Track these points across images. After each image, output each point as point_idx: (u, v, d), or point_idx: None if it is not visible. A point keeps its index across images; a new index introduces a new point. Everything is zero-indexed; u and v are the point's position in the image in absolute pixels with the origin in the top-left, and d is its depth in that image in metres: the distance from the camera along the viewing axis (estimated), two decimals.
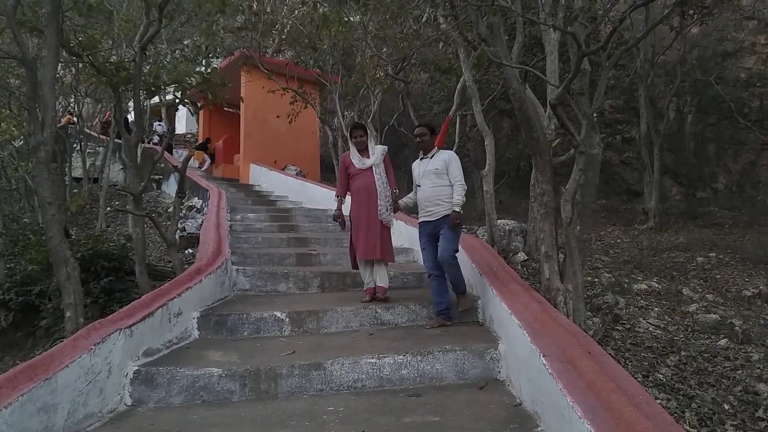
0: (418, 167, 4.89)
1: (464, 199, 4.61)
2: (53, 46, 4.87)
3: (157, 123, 19.68)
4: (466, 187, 4.62)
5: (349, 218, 5.12)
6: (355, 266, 5.21)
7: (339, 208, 5.26)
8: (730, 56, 12.19)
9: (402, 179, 4.93)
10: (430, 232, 4.71)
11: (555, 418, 2.78)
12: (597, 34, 9.44)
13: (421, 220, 4.84)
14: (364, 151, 5.12)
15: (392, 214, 5.09)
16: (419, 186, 4.82)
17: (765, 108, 11.56)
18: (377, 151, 5.13)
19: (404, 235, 6.98)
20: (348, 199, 5.25)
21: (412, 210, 5.30)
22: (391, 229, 5.19)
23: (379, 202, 4.96)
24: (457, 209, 4.54)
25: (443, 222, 4.58)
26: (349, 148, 5.25)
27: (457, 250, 4.64)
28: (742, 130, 11.59)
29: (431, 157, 4.80)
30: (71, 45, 6.02)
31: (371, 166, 5.04)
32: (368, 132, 5.25)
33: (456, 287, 4.63)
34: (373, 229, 4.94)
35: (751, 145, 11.74)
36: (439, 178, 4.68)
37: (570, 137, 4.70)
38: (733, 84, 11.94)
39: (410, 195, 5.05)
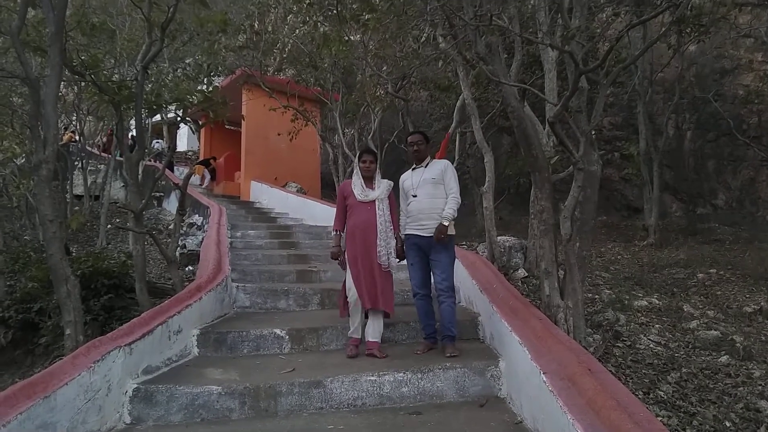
0: (411, 177, 4.54)
1: (456, 214, 4.29)
2: (56, 66, 4.92)
3: (156, 141, 19.77)
4: (459, 202, 4.35)
5: (345, 254, 4.51)
6: (344, 314, 4.53)
7: (338, 244, 4.55)
8: (728, 73, 12.28)
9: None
10: (421, 247, 4.36)
11: None
12: (595, 52, 9.53)
13: (410, 232, 4.43)
14: (368, 180, 4.54)
15: (394, 258, 4.46)
16: (415, 196, 4.40)
17: (763, 124, 11.62)
18: (383, 185, 4.53)
19: None
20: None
21: None
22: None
23: (378, 243, 4.34)
24: (446, 223, 4.20)
25: (438, 243, 4.27)
26: (347, 175, 4.79)
27: (452, 284, 4.33)
28: (741, 147, 11.63)
29: (426, 167, 4.49)
30: (74, 64, 6.08)
31: (374, 200, 4.45)
32: (378, 160, 4.65)
33: (445, 329, 4.25)
34: (372, 273, 4.32)
35: (750, 161, 11.78)
36: (436, 188, 4.35)
37: (568, 154, 4.73)
38: (731, 101, 12.01)
39: (400, 222, 4.62)
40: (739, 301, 7.05)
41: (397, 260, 4.51)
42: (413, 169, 4.60)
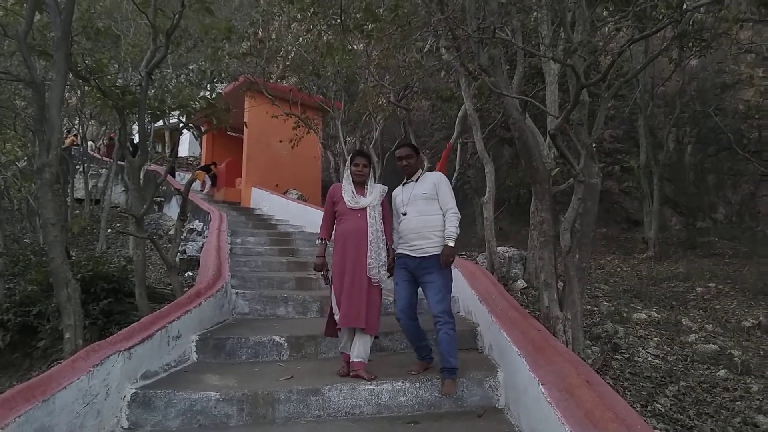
0: (402, 193, 4.14)
1: (458, 231, 3.89)
2: (61, 70, 4.95)
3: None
4: (459, 216, 3.93)
5: (331, 266, 4.17)
6: (330, 332, 4.21)
7: (322, 254, 4.19)
8: (729, 88, 12.34)
9: None
10: (410, 269, 3.96)
11: None
12: (597, 65, 9.58)
13: (401, 252, 4.05)
14: (360, 186, 4.19)
15: (385, 271, 4.08)
16: (404, 215, 4.01)
17: (764, 139, 11.66)
18: (376, 191, 4.19)
19: None
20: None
21: None
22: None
23: (369, 254, 3.99)
24: (451, 244, 3.79)
25: (431, 263, 3.84)
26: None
27: (450, 308, 3.86)
28: (741, 161, 11.66)
29: (416, 181, 4.11)
30: (78, 69, 6.12)
31: (365, 208, 4.10)
32: (372, 164, 4.34)
33: (444, 361, 3.72)
34: (359, 287, 3.94)
35: (750, 176, 11.81)
36: (429, 204, 3.95)
37: (569, 166, 4.75)
38: (732, 115, 12.06)
39: (393, 238, 4.21)
40: (737, 315, 7.05)
41: (388, 275, 4.13)
42: (404, 184, 4.20)
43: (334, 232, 4.22)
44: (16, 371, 6.69)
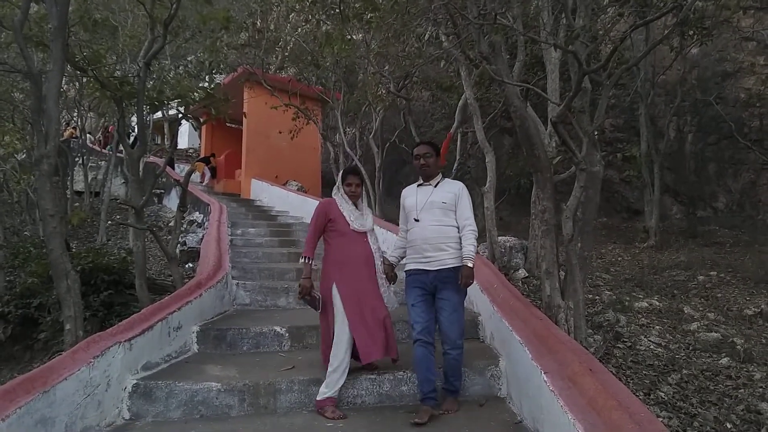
0: (416, 195, 3.77)
1: (476, 249, 3.63)
2: (59, 61, 4.91)
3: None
4: (477, 233, 3.63)
5: (335, 293, 3.67)
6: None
7: (309, 275, 3.71)
8: (730, 76, 12.26)
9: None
10: (426, 286, 3.57)
11: None
12: (598, 54, 9.51)
13: (413, 267, 3.67)
14: (354, 205, 3.90)
15: (389, 284, 3.89)
16: (417, 221, 3.66)
17: (765, 128, 11.59)
18: (368, 211, 3.98)
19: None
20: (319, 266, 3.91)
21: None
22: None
23: (380, 282, 3.78)
24: (470, 264, 3.46)
25: (447, 278, 3.52)
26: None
27: (463, 330, 3.59)
28: (742, 150, 11.60)
29: (435, 186, 3.75)
30: (76, 60, 6.08)
31: (366, 232, 3.83)
32: (364, 181, 4.06)
33: (448, 383, 3.59)
34: (378, 317, 3.65)
35: (751, 164, 11.75)
36: (446, 214, 3.62)
37: (571, 155, 4.72)
38: (732, 104, 11.99)
39: (398, 244, 3.96)
40: (739, 303, 7.04)
41: (390, 284, 3.92)
42: (419, 185, 3.84)
43: (329, 252, 3.85)
44: (17, 363, 6.70)
